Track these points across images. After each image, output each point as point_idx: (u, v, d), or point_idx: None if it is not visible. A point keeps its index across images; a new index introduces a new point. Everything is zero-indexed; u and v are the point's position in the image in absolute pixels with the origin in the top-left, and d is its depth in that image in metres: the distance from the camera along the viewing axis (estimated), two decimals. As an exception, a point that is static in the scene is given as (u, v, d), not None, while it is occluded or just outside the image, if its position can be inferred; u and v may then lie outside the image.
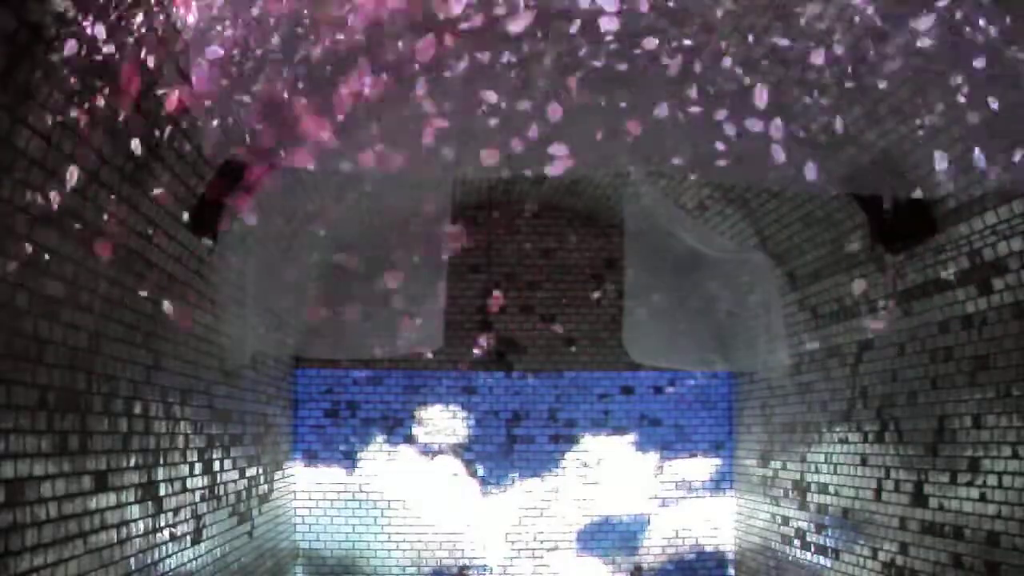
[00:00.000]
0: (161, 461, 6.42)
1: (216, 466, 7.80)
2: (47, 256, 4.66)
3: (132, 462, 5.88)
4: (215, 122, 5.63)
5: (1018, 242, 6.15)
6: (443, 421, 11.82)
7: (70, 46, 4.18)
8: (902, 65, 5.74)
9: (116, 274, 5.55)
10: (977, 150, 5.93)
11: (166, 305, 6.42)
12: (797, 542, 9.88)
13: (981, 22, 5.06)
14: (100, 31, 4.28)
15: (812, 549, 9.53)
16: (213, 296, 7.51)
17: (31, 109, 4.23)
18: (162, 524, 6.42)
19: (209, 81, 4.89)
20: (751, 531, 11.28)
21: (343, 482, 11.67)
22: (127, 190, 5.47)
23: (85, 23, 4.24)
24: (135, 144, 5.26)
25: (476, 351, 11.83)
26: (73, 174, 4.72)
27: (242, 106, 5.32)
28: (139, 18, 4.52)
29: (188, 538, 7.01)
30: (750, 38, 6.13)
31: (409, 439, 11.76)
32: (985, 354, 6.67)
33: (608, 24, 5.34)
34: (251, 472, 9.12)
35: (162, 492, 6.43)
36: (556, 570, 11.80)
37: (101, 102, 4.75)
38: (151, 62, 4.84)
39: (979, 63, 5.27)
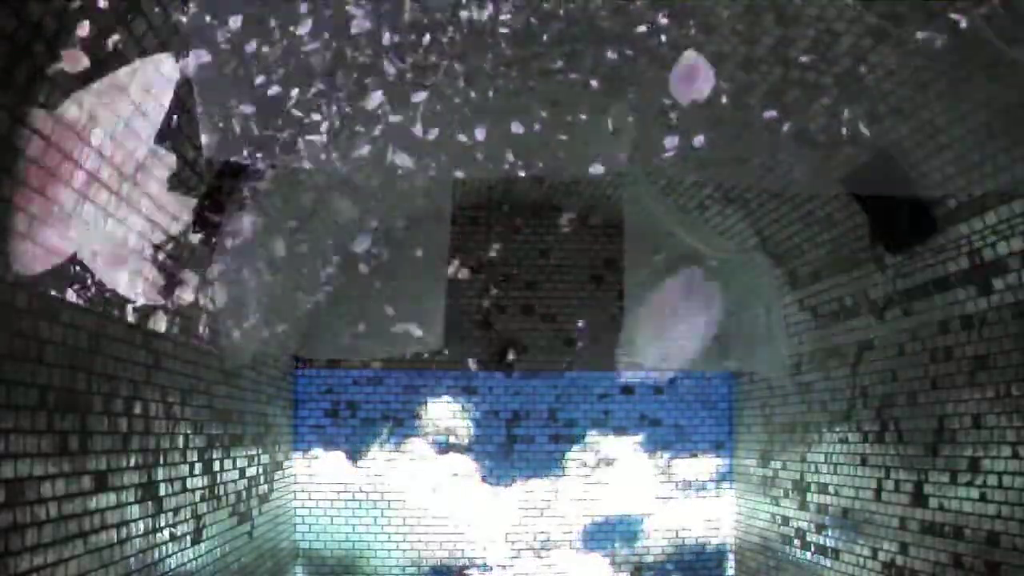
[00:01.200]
0: (161, 461, 6.42)
1: (216, 466, 7.79)
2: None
3: (132, 462, 5.88)
4: (215, 121, 5.62)
5: (1018, 242, 6.14)
6: (443, 421, 11.82)
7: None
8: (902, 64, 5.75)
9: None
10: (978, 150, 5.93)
11: (166, 306, 6.42)
12: (797, 542, 9.88)
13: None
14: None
15: (812, 549, 9.52)
16: (213, 295, 7.51)
17: (31, 109, 4.23)
18: (162, 524, 6.42)
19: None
20: (751, 531, 11.27)
21: (343, 482, 11.67)
22: (127, 189, 5.47)
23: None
24: (136, 144, 5.27)
25: (476, 351, 11.83)
26: (75, 172, 4.73)
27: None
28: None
29: (188, 538, 7.00)
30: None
31: (409, 439, 11.76)
32: (985, 354, 6.67)
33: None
34: (251, 472, 9.12)
35: (162, 492, 6.43)
36: (557, 570, 11.80)
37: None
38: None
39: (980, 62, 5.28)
